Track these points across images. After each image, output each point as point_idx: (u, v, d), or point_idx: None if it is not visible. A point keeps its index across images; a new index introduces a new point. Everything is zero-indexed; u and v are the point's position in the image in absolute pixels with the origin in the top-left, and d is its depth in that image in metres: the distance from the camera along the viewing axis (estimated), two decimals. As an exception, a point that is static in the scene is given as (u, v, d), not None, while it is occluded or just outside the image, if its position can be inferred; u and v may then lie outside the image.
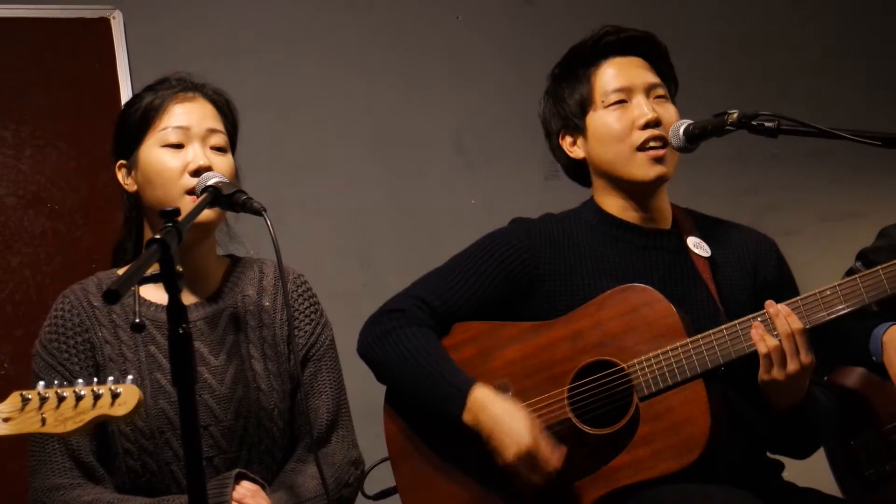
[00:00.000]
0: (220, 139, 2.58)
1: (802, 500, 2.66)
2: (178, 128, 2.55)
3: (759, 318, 2.51)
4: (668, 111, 2.70)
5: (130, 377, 2.22)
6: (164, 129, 2.55)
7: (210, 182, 2.41)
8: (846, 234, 3.83)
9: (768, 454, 2.76)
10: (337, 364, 2.72)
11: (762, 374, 2.49)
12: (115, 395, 2.14)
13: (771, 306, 2.50)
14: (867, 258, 3.28)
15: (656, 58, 2.77)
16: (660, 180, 2.70)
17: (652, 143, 2.67)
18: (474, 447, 2.57)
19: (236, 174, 2.60)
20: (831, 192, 4.60)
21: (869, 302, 2.52)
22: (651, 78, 2.73)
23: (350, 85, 4.14)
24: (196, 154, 2.52)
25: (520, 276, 2.71)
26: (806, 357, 2.47)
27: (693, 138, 2.57)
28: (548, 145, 2.88)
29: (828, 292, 2.51)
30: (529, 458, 2.49)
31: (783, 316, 2.48)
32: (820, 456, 3.06)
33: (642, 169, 2.68)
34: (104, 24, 3.93)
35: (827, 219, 4.57)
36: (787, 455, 2.75)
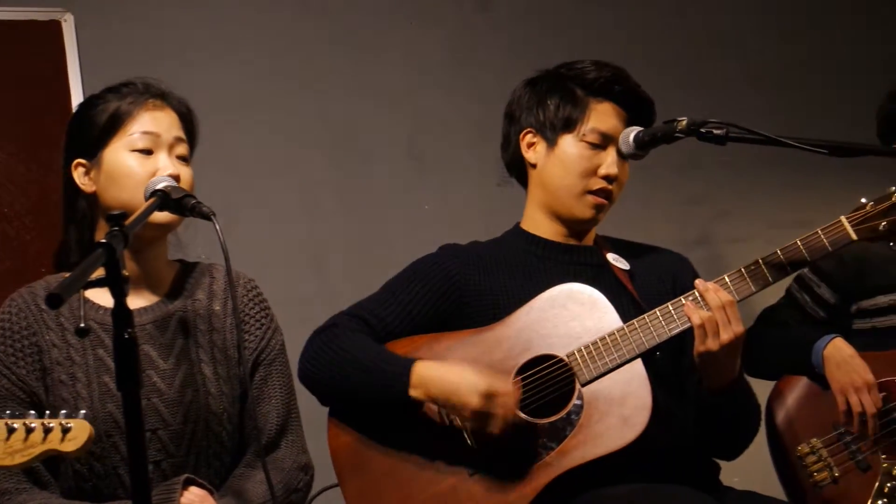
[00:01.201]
0: (184, 149, 2.60)
1: (741, 501, 2.69)
2: (148, 133, 2.55)
3: (690, 298, 2.59)
4: (624, 172, 2.80)
5: (83, 412, 2.21)
6: (133, 133, 2.54)
7: (159, 186, 2.41)
8: (795, 242, 3.84)
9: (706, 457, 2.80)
10: (287, 369, 2.72)
11: (698, 346, 2.56)
12: (65, 430, 2.14)
13: (700, 284, 2.59)
14: (814, 265, 3.30)
15: (647, 121, 2.81)
16: (592, 222, 2.82)
17: (602, 193, 2.77)
18: (425, 450, 2.61)
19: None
20: (780, 199, 4.63)
21: (791, 273, 2.61)
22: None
23: (303, 89, 4.13)
24: (166, 163, 2.53)
25: (449, 294, 2.78)
26: (737, 326, 2.54)
27: (643, 145, 2.60)
28: (502, 127, 2.91)
29: (752, 267, 2.60)
30: (490, 396, 2.53)
31: (713, 290, 2.56)
32: (762, 461, 3.09)
33: (583, 210, 2.79)
34: (55, 26, 3.90)
35: (776, 226, 4.59)
36: (718, 454, 2.81)
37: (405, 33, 4.29)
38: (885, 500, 3.02)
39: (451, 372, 2.58)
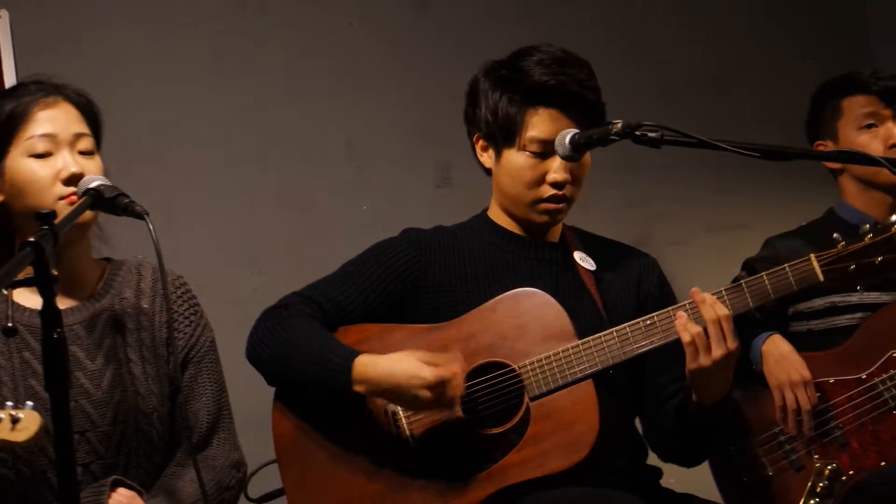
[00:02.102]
0: (87, 143, 2.55)
1: (679, 504, 2.70)
2: (45, 136, 2.50)
3: (654, 319, 2.57)
4: (580, 168, 2.74)
5: (30, 403, 2.18)
6: (29, 138, 2.50)
7: (92, 185, 2.38)
8: (732, 245, 3.88)
9: (647, 461, 2.81)
10: (218, 366, 2.70)
11: (689, 363, 2.52)
12: (14, 420, 2.11)
13: (697, 294, 2.55)
14: (752, 268, 3.34)
15: (590, 120, 2.73)
16: (548, 224, 2.78)
17: (554, 199, 2.73)
18: (367, 442, 2.59)
19: (106, 174, 2.54)
20: (718, 202, 4.66)
21: (754, 306, 2.59)
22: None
23: (241, 88, 4.11)
24: (66, 162, 2.48)
25: (408, 282, 2.73)
26: (732, 343, 2.51)
27: (578, 147, 2.60)
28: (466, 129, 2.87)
29: (736, 290, 2.58)
30: (440, 386, 2.51)
31: (709, 302, 2.53)
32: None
33: (535, 215, 2.76)
34: (-11, 24, 3.85)
35: (713, 229, 4.62)
36: (679, 461, 2.80)
37: (344, 34, 4.27)
38: (818, 499, 3.05)
39: (394, 363, 2.54)
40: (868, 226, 2.54)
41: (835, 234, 2.57)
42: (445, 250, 2.78)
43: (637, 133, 2.44)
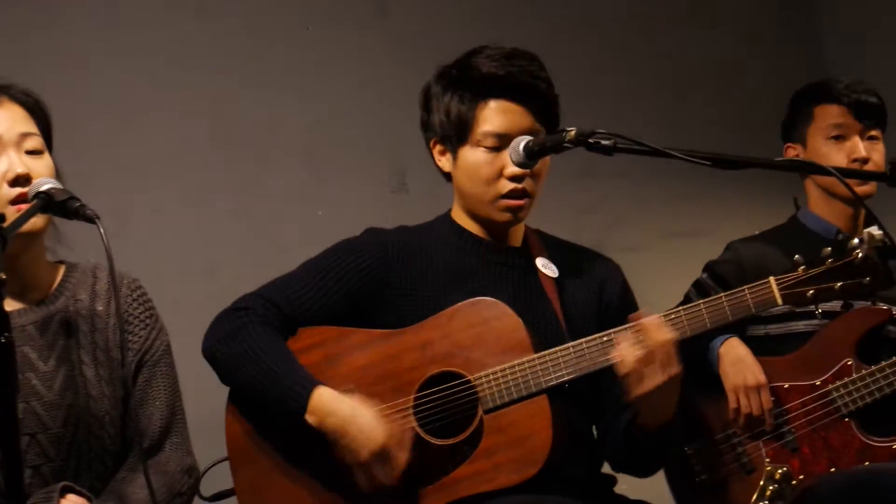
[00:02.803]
0: (34, 142, 2.52)
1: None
2: None
3: (611, 336, 2.55)
4: (539, 164, 2.70)
5: None
6: None
7: (42, 188, 2.36)
8: (688, 251, 3.90)
9: (602, 470, 2.81)
10: (172, 370, 2.69)
11: (633, 388, 2.51)
12: None
13: (640, 318, 2.52)
14: (713, 271, 3.37)
15: (545, 104, 2.76)
16: (511, 223, 2.76)
17: (514, 194, 2.71)
18: (319, 449, 2.56)
19: (58, 174, 2.53)
20: (674, 209, 4.68)
21: (711, 328, 2.57)
22: (530, 126, 2.71)
23: (197, 93, 4.09)
24: (12, 162, 2.46)
25: (369, 284, 2.72)
26: (675, 367, 2.49)
27: (532, 154, 2.60)
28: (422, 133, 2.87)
29: (672, 316, 2.55)
30: (383, 454, 2.49)
31: (654, 326, 2.50)
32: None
33: (497, 213, 2.73)
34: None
35: (669, 235, 4.65)
36: (631, 473, 2.80)
37: (301, 38, 4.27)
38: (767, 502, 3.08)
39: (356, 412, 2.51)
40: (830, 248, 2.52)
41: (796, 256, 2.55)
42: (407, 252, 2.76)
43: (590, 141, 2.45)
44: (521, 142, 2.62)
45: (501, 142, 2.69)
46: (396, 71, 2.79)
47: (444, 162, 2.80)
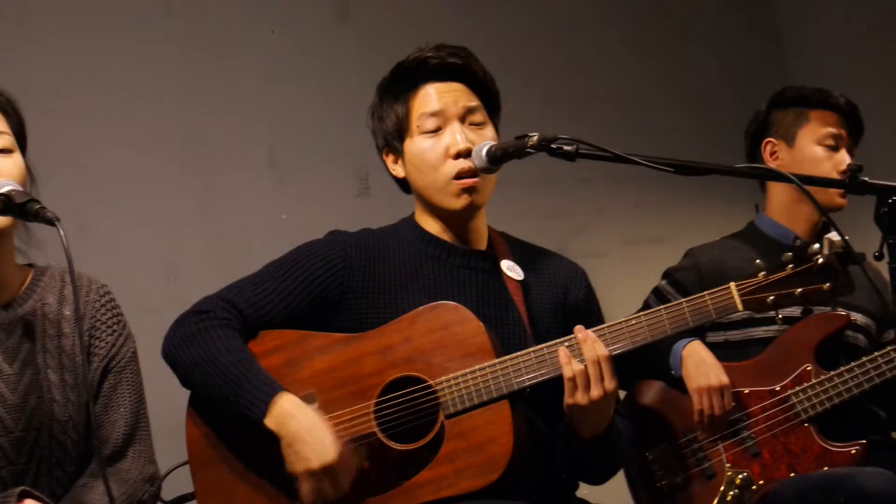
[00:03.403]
0: (4, 141, 2.50)
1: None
2: None
3: (566, 343, 2.55)
4: (483, 136, 2.72)
5: None
6: None
7: (2, 190, 2.35)
8: (649, 258, 3.93)
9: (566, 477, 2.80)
10: (138, 377, 2.68)
11: (567, 398, 2.53)
12: None
13: (580, 331, 2.54)
14: (672, 277, 3.39)
15: (478, 83, 2.77)
16: (470, 209, 2.73)
17: (465, 174, 2.69)
18: (279, 453, 2.54)
19: (30, 173, 2.53)
20: (635, 216, 4.71)
21: (672, 334, 2.58)
22: (468, 103, 2.74)
23: (161, 95, 4.08)
24: None
25: (332, 287, 2.70)
26: (609, 383, 2.51)
27: (495, 160, 2.61)
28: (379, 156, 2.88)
29: (633, 322, 2.56)
30: (330, 473, 2.48)
31: (590, 342, 2.52)
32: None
33: (453, 199, 2.71)
34: None
35: (630, 242, 4.67)
36: (584, 481, 2.80)
37: (265, 42, 4.26)
38: (728, 507, 3.11)
39: (313, 426, 2.50)
40: (791, 254, 2.53)
41: (757, 261, 2.55)
42: (371, 255, 2.74)
43: (553, 146, 2.45)
44: (484, 147, 2.62)
45: (438, 122, 2.71)
46: (359, 75, 2.79)
47: (398, 168, 2.80)
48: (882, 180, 2.22)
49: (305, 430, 2.49)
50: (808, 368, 3.16)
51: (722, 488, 3.13)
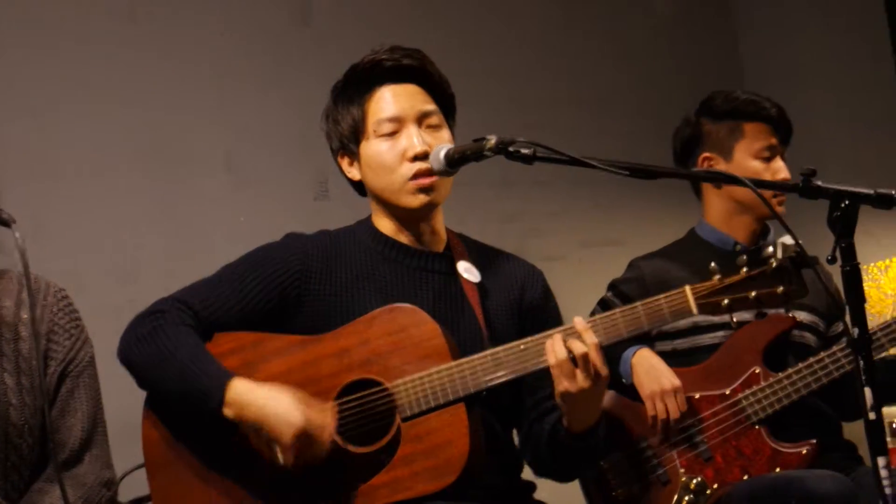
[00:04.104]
0: None
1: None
2: None
3: (529, 344, 2.55)
4: (439, 140, 2.72)
5: None
6: None
7: None
8: (606, 261, 3.93)
9: (522, 476, 2.81)
10: (95, 382, 2.66)
11: (556, 387, 2.52)
12: None
13: (578, 322, 2.53)
14: (617, 289, 3.40)
15: (433, 83, 2.78)
16: (428, 208, 2.73)
17: (421, 175, 2.69)
18: (237, 454, 2.55)
19: None
20: (593, 219, 4.72)
21: (627, 337, 2.58)
22: (425, 106, 2.75)
23: (117, 98, 4.05)
24: None
25: (288, 290, 2.70)
26: (601, 370, 2.51)
27: (453, 163, 2.61)
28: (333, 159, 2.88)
29: (589, 326, 2.55)
30: (306, 434, 2.48)
31: (581, 331, 2.51)
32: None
33: (410, 199, 2.71)
34: None
35: (588, 245, 4.67)
36: (553, 478, 2.81)
37: (224, 44, 4.25)
38: (683, 513, 3.12)
39: (270, 398, 2.49)
40: (745, 257, 2.52)
41: (711, 265, 2.54)
42: (328, 258, 2.74)
43: (510, 149, 2.45)
44: (442, 150, 2.63)
45: (394, 126, 2.71)
46: (319, 78, 2.79)
47: (353, 171, 2.80)
48: (835, 184, 2.23)
49: (263, 408, 2.49)
50: (757, 371, 3.19)
51: (677, 494, 3.14)
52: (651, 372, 3.16)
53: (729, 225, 3.43)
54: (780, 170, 3.37)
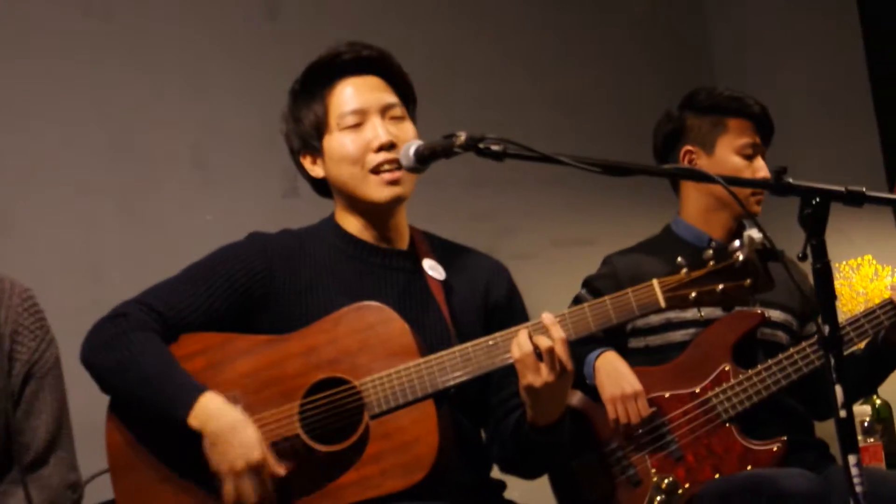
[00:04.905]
0: None
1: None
2: None
3: (497, 339, 2.55)
4: (404, 131, 2.72)
5: None
6: None
7: None
8: (578, 259, 3.91)
9: (492, 475, 2.81)
10: (61, 383, 2.64)
11: (521, 381, 2.52)
12: None
13: (546, 317, 2.52)
14: (591, 285, 3.39)
15: (394, 76, 2.78)
16: (395, 201, 2.72)
17: (386, 166, 2.69)
18: (202, 458, 2.52)
19: None
20: (565, 218, 4.71)
21: (596, 330, 2.58)
22: (387, 98, 2.74)
23: (83, 93, 4.02)
24: None
25: (253, 290, 2.69)
26: (566, 366, 2.50)
27: (422, 159, 2.58)
28: (293, 161, 2.86)
29: (558, 319, 2.54)
30: (255, 474, 2.47)
31: (549, 326, 2.50)
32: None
33: (376, 191, 2.69)
34: None
35: (560, 244, 4.67)
36: (519, 475, 2.80)
37: (190, 40, 4.22)
38: (655, 513, 3.11)
39: (238, 424, 2.49)
40: (711, 251, 2.52)
41: (679, 259, 2.55)
42: (292, 257, 2.73)
43: (480, 146, 2.42)
44: (412, 147, 2.60)
45: (358, 118, 2.71)
46: (287, 74, 2.78)
47: (317, 169, 2.78)
48: (807, 181, 2.23)
49: (229, 429, 2.48)
50: (727, 368, 3.18)
51: (649, 494, 3.13)
52: (613, 375, 3.15)
53: (706, 222, 3.42)
54: (760, 169, 3.37)
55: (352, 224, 2.77)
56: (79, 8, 4.08)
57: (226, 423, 2.49)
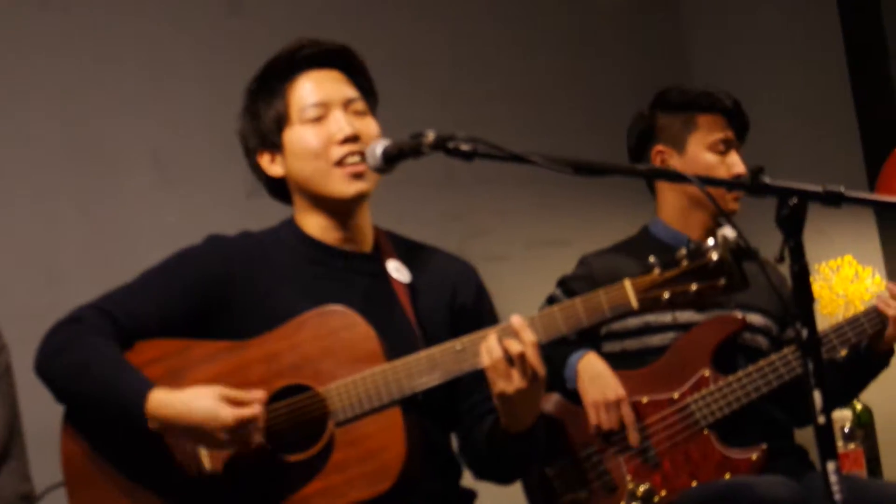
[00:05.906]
0: None
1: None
2: None
3: (464, 343, 2.49)
4: (366, 125, 2.67)
5: None
6: None
7: None
8: (552, 261, 3.92)
9: (463, 483, 2.76)
10: (12, 390, 2.63)
11: (492, 388, 2.47)
12: None
13: (515, 320, 2.47)
14: (567, 286, 3.36)
15: (355, 71, 2.74)
16: (359, 197, 2.67)
17: (350, 159, 2.63)
18: (160, 468, 2.49)
19: None
20: (538, 218, 4.71)
21: (567, 332, 2.53)
22: (349, 92, 2.70)
23: (38, 92, 3.97)
24: None
25: (212, 295, 2.63)
26: (538, 371, 2.45)
27: (390, 159, 2.53)
28: (247, 163, 2.80)
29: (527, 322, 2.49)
30: (238, 427, 2.41)
31: (519, 330, 2.45)
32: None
33: (340, 185, 2.64)
34: None
35: (533, 245, 4.67)
36: (493, 480, 2.76)
37: (150, 36, 4.17)
38: (630, 520, 3.09)
39: (193, 406, 2.43)
40: (684, 249, 2.49)
41: (651, 258, 2.52)
42: (251, 260, 2.67)
43: (449, 146, 2.37)
44: (379, 146, 2.54)
45: (319, 111, 2.66)
46: (250, 71, 2.74)
47: (276, 167, 2.72)
48: (784, 181, 2.19)
49: (185, 414, 2.43)
50: (706, 374, 3.16)
51: (624, 501, 3.11)
52: (596, 380, 3.12)
53: (683, 222, 3.39)
54: (735, 164, 3.34)
55: (312, 225, 2.71)
56: (36, 3, 4.02)
57: (181, 411, 2.42)
